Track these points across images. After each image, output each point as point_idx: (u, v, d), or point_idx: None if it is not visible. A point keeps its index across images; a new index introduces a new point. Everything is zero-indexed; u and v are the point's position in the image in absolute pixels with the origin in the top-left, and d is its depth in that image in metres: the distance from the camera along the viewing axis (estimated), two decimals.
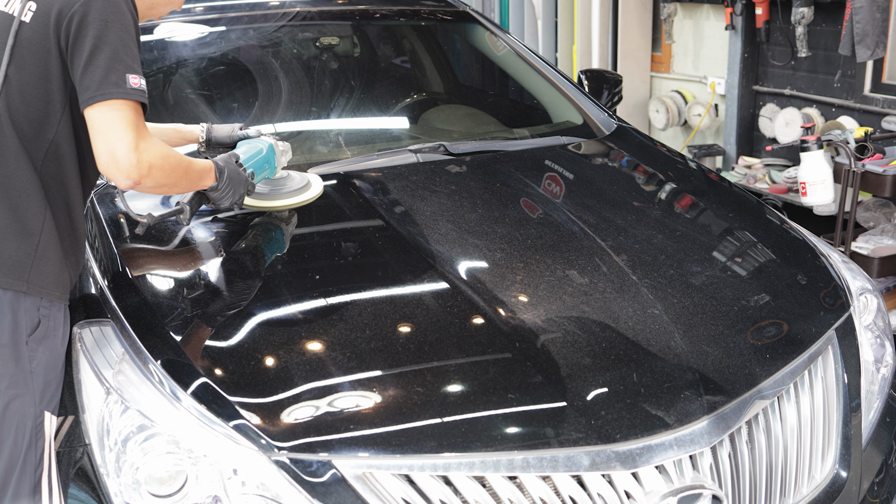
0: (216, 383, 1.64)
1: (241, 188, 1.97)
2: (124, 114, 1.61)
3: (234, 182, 1.94)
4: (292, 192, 2.19)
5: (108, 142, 1.60)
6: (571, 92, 3.10)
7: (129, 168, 1.61)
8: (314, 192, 2.22)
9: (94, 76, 1.60)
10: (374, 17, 3.24)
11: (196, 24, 2.95)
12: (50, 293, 1.70)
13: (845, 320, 2.02)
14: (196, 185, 1.87)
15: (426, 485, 1.54)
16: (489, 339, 1.76)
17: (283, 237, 2.19)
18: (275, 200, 2.17)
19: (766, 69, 4.98)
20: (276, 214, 2.20)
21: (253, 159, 2.05)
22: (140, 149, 1.62)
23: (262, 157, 2.08)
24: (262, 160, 2.08)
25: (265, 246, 2.14)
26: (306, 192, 2.20)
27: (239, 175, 1.96)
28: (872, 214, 3.89)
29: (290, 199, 2.18)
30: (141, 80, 1.65)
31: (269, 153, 2.11)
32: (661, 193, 2.52)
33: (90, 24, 1.60)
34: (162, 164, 1.67)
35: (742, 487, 1.69)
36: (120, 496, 1.58)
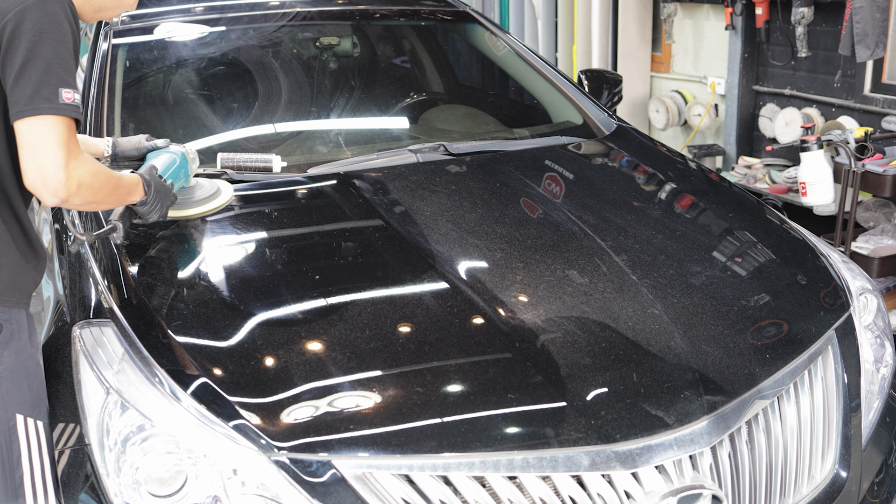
0: (216, 383, 1.64)
1: (167, 200, 1.95)
2: (55, 130, 1.55)
3: (161, 195, 1.93)
4: (202, 200, 2.15)
5: (37, 158, 1.55)
6: (571, 92, 3.10)
7: (57, 186, 1.56)
8: (223, 198, 2.19)
9: (26, 89, 1.54)
10: (374, 17, 3.24)
11: (196, 24, 2.95)
12: (5, 300, 1.68)
13: (845, 320, 2.02)
14: (124, 201, 1.84)
15: (426, 485, 1.54)
16: (489, 339, 1.76)
17: (284, 237, 2.19)
18: (185, 209, 2.12)
19: (766, 69, 4.98)
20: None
21: (170, 169, 2.02)
22: (70, 167, 1.56)
23: (177, 166, 2.05)
24: (177, 170, 2.05)
25: (265, 246, 2.14)
26: (216, 199, 2.17)
27: (164, 187, 1.94)
28: (872, 214, 3.89)
29: (200, 207, 2.14)
30: (75, 94, 1.58)
31: (182, 162, 2.08)
32: (661, 193, 2.52)
33: (24, 34, 1.55)
34: (91, 182, 1.63)
35: (742, 487, 1.69)
36: (120, 496, 1.58)
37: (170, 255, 2.07)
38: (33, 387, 1.73)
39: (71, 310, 1.96)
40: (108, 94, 2.63)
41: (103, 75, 2.68)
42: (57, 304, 2.12)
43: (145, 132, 2.67)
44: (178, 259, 2.07)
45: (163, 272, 2.01)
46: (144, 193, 1.88)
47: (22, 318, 1.72)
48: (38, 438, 1.74)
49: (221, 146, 2.68)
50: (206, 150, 2.63)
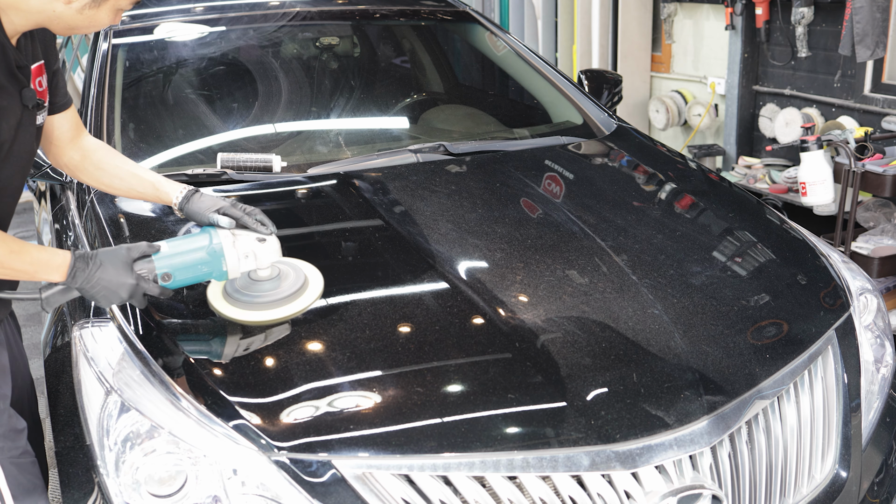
0: (216, 383, 1.64)
1: (121, 292, 1.61)
2: None
3: (108, 284, 1.60)
4: (277, 302, 1.75)
5: None
6: (571, 92, 3.10)
7: None
8: (308, 298, 1.78)
9: None
10: (374, 17, 3.24)
11: (196, 24, 2.95)
12: None
13: (845, 320, 2.02)
14: (34, 277, 1.60)
15: (426, 485, 1.54)
16: (489, 339, 1.76)
17: (285, 237, 2.19)
18: (251, 311, 1.75)
19: (766, 69, 4.98)
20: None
21: (175, 258, 1.66)
22: None
23: (194, 256, 1.68)
24: (193, 261, 1.67)
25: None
26: (297, 297, 1.77)
27: (121, 276, 1.60)
28: (872, 214, 3.89)
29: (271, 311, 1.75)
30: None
31: (211, 254, 1.68)
32: (661, 193, 2.52)
33: None
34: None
35: (742, 487, 1.69)
36: (120, 496, 1.58)
37: None
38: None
39: (71, 310, 1.96)
40: (108, 94, 2.63)
41: (103, 75, 2.68)
42: None
43: (146, 132, 2.68)
44: None
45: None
46: (65, 277, 1.59)
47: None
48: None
49: (221, 146, 2.68)
50: (206, 149, 2.64)
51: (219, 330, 1.79)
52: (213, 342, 1.76)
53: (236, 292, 1.77)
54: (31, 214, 5.51)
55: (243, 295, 1.76)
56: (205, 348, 1.74)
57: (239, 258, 1.71)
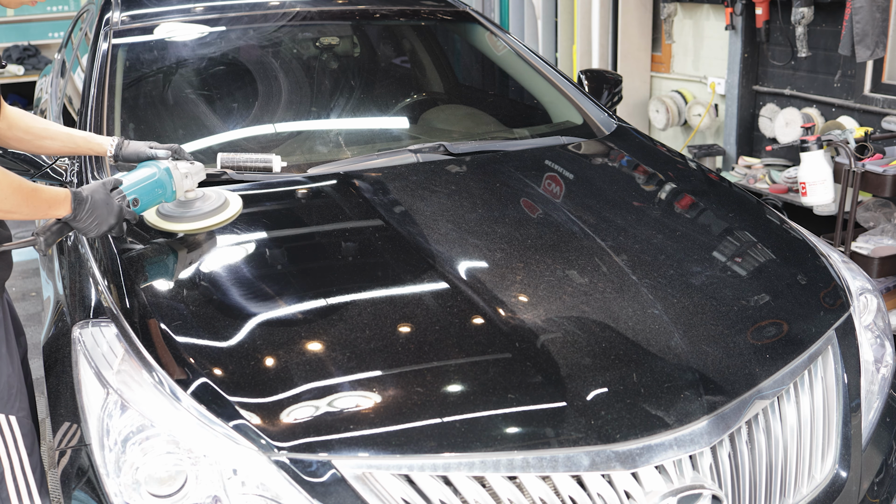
0: (216, 383, 1.64)
1: (110, 218, 1.83)
2: None
3: (100, 212, 1.81)
4: (203, 214, 2.07)
5: None
6: (571, 92, 3.10)
7: None
8: (229, 212, 2.11)
9: None
10: (374, 17, 3.24)
11: (196, 23, 2.95)
12: None
13: (845, 320, 2.02)
14: (45, 214, 1.75)
15: (426, 485, 1.54)
16: (489, 339, 1.76)
17: (284, 237, 2.19)
18: (183, 223, 2.06)
19: (766, 69, 4.98)
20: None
21: (138, 185, 1.93)
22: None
23: (151, 182, 1.97)
24: (150, 185, 1.96)
25: (265, 246, 2.14)
26: (220, 213, 2.10)
27: (109, 205, 1.83)
28: (872, 214, 3.89)
29: (200, 221, 2.07)
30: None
31: (162, 177, 2.00)
32: (661, 193, 2.52)
33: None
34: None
35: (742, 487, 1.69)
36: (120, 496, 1.58)
37: (170, 256, 2.07)
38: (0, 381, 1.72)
39: (71, 310, 1.96)
40: (108, 94, 2.63)
41: (103, 75, 2.68)
42: (57, 304, 2.12)
43: (146, 132, 2.68)
44: (178, 259, 2.07)
45: (163, 272, 2.01)
46: (71, 210, 1.77)
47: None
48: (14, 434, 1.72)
49: (221, 146, 2.68)
50: (206, 149, 2.64)
51: (219, 330, 1.79)
52: (214, 342, 1.76)
53: (170, 212, 2.08)
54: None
55: (177, 213, 2.08)
56: (205, 348, 1.74)
57: (182, 178, 2.05)
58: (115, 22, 2.89)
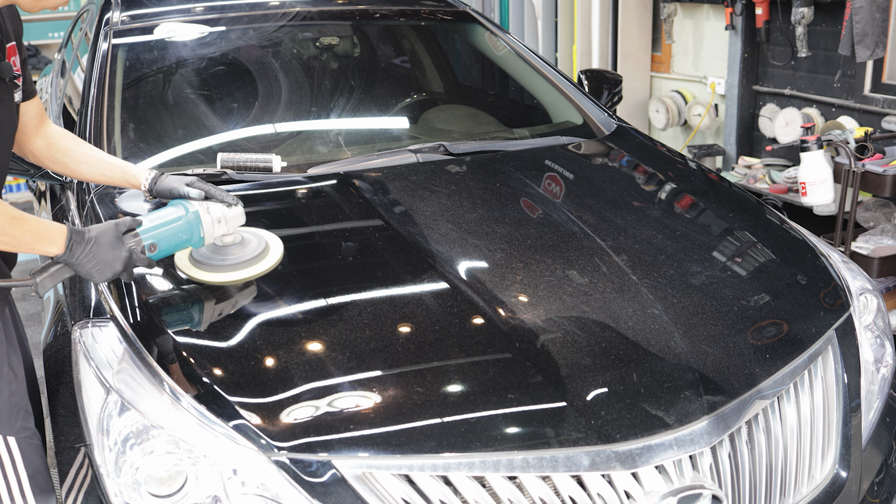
0: (216, 383, 1.64)
1: (115, 264, 1.67)
2: None
3: (104, 257, 1.65)
4: (242, 264, 1.88)
5: None
6: (571, 92, 3.10)
7: None
8: (270, 260, 1.92)
9: None
10: (374, 17, 3.24)
11: (196, 23, 2.95)
12: None
13: (845, 320, 2.02)
14: (30, 248, 1.61)
15: (426, 485, 1.54)
16: (489, 339, 1.76)
17: (284, 237, 2.19)
18: (219, 273, 1.87)
19: (766, 69, 4.98)
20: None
21: (157, 229, 1.76)
22: None
23: (174, 226, 1.79)
24: (173, 230, 1.79)
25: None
26: (260, 261, 1.90)
27: (116, 250, 1.67)
28: (872, 214, 3.89)
29: (238, 272, 1.88)
30: None
31: (189, 221, 1.81)
32: (661, 193, 2.52)
33: None
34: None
35: (742, 487, 1.69)
36: (120, 496, 1.58)
37: (170, 256, 2.07)
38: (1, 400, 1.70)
39: (71, 310, 1.96)
40: (108, 94, 2.63)
41: (103, 75, 2.68)
42: (57, 304, 2.12)
43: (146, 132, 2.68)
44: (178, 259, 2.06)
45: (163, 272, 2.00)
46: (65, 249, 1.62)
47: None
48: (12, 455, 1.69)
49: (221, 146, 2.68)
50: (206, 149, 2.64)
51: (219, 330, 1.79)
52: (214, 342, 1.76)
53: (204, 258, 1.90)
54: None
55: (211, 259, 1.89)
56: (205, 348, 1.74)
57: (213, 223, 1.85)
58: (115, 22, 2.89)
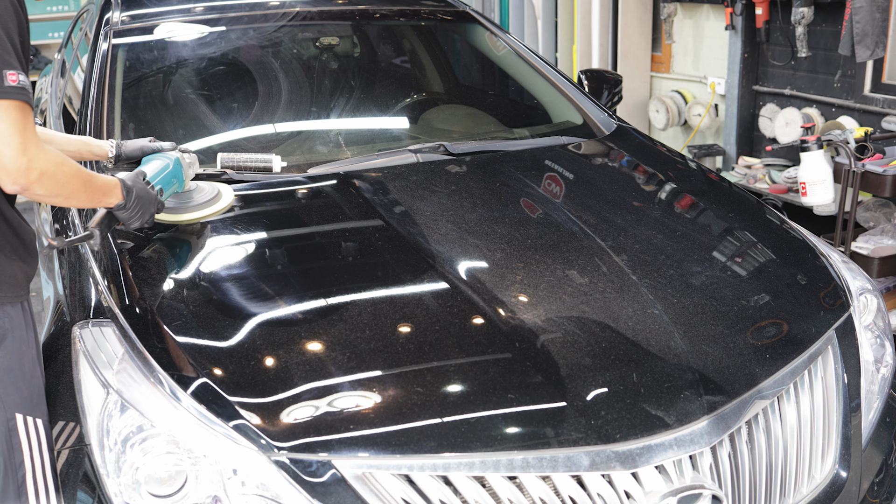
0: (216, 383, 1.64)
1: (150, 207, 1.89)
2: (6, 114, 1.49)
3: (143, 201, 1.86)
4: (200, 205, 2.12)
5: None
6: (571, 92, 3.10)
7: (16, 173, 1.52)
8: (223, 203, 2.16)
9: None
10: (374, 17, 3.24)
11: (196, 23, 2.95)
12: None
13: (845, 320, 2.02)
14: (98, 202, 1.78)
15: (426, 485, 1.54)
16: (489, 339, 1.76)
17: (284, 237, 2.19)
18: (183, 214, 2.10)
19: (766, 69, 4.98)
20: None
21: (160, 175, 1.98)
22: (30, 154, 1.52)
23: (168, 171, 2.02)
24: (169, 175, 2.01)
25: (265, 246, 2.14)
26: (214, 203, 2.14)
27: (147, 194, 1.89)
28: (872, 214, 3.89)
29: (197, 211, 2.11)
30: (20, 75, 1.52)
31: (175, 167, 2.05)
32: (661, 193, 2.52)
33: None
34: (55, 173, 1.58)
35: (742, 487, 1.69)
36: (120, 496, 1.58)
37: (170, 256, 2.07)
38: (31, 385, 1.73)
39: (71, 310, 1.96)
40: (108, 94, 2.63)
41: (103, 75, 2.68)
42: (57, 304, 2.12)
43: (146, 132, 2.69)
44: (178, 259, 2.07)
45: (163, 272, 2.00)
46: (122, 198, 1.81)
47: (16, 314, 1.70)
48: (39, 437, 1.73)
49: (221, 146, 2.68)
50: (206, 150, 2.64)
51: (219, 330, 1.79)
52: (213, 342, 1.75)
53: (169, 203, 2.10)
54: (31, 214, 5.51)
55: (175, 204, 2.11)
56: (205, 348, 1.74)
57: (188, 167, 2.12)
58: (115, 22, 2.89)
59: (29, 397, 1.71)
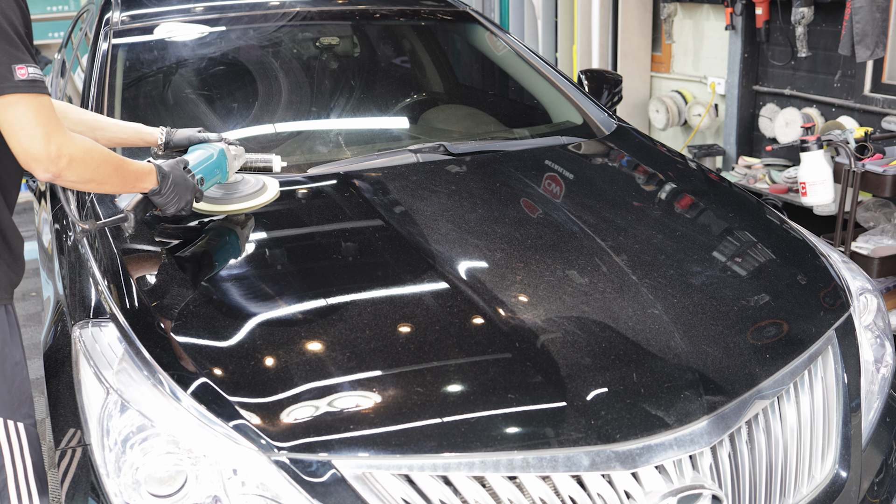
0: (216, 383, 1.64)
1: (187, 194, 1.92)
2: (25, 108, 1.53)
3: (180, 188, 1.90)
4: (246, 196, 2.16)
5: (20, 141, 1.55)
6: (571, 92, 3.10)
7: (47, 161, 1.57)
8: (268, 195, 2.19)
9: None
10: (374, 17, 3.24)
11: (196, 23, 2.95)
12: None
13: (845, 320, 2.02)
14: (133, 187, 1.83)
15: (426, 485, 1.54)
16: (489, 339, 1.76)
17: (284, 237, 2.19)
18: (228, 205, 2.14)
19: (766, 69, 4.98)
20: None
21: (202, 164, 2.02)
22: (55, 142, 1.57)
23: (212, 161, 2.05)
24: (212, 165, 2.05)
25: (265, 246, 2.14)
26: (261, 195, 2.18)
27: (185, 181, 1.92)
28: (872, 214, 3.89)
29: (244, 203, 2.15)
30: (29, 67, 1.55)
31: (220, 158, 2.08)
32: (661, 193, 2.52)
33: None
34: (84, 158, 1.63)
35: (742, 487, 1.69)
36: (120, 496, 1.58)
37: (170, 256, 2.07)
38: (13, 389, 1.72)
39: (71, 310, 1.96)
40: (108, 94, 2.63)
41: (103, 75, 2.68)
42: (57, 304, 2.12)
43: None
44: (178, 259, 2.07)
45: (163, 272, 2.00)
46: (157, 183, 1.85)
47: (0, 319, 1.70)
48: (20, 441, 1.72)
49: None
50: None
51: (219, 330, 1.79)
52: (214, 342, 1.76)
53: (214, 194, 2.15)
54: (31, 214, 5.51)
55: (221, 195, 2.15)
56: (205, 348, 1.74)
57: (232, 159, 2.14)
58: (115, 22, 2.89)
59: (10, 401, 1.71)
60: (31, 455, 1.76)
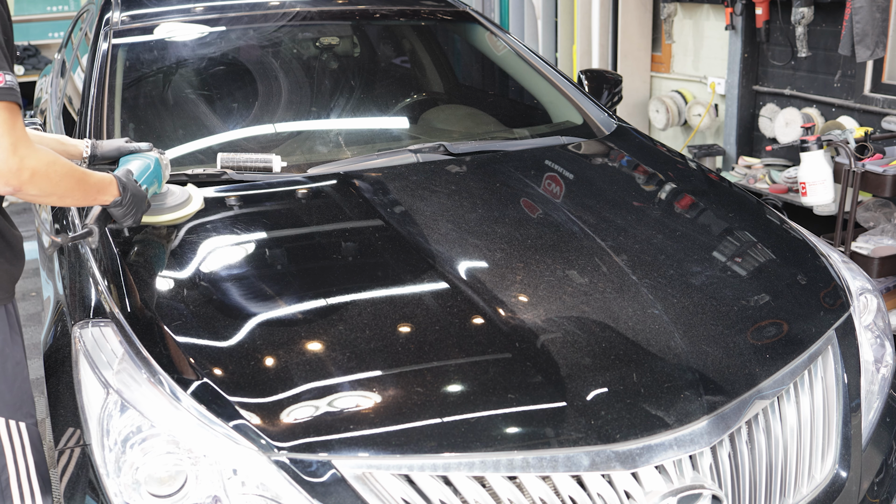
0: (216, 383, 1.64)
1: (142, 205, 1.90)
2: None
3: (137, 199, 1.87)
4: (174, 207, 2.12)
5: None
6: (571, 92, 3.10)
7: (8, 174, 1.50)
8: (194, 206, 2.16)
9: None
10: (374, 17, 3.24)
11: (196, 23, 2.95)
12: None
13: (845, 320, 2.02)
14: (94, 199, 1.78)
15: (426, 485, 1.54)
16: (489, 339, 1.76)
17: (284, 237, 2.19)
18: (156, 216, 2.09)
19: (766, 69, 4.98)
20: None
21: (145, 174, 1.99)
22: (20, 154, 1.50)
23: (150, 172, 2.02)
24: (151, 175, 2.02)
25: (265, 246, 2.14)
26: (187, 206, 2.14)
27: (139, 192, 1.89)
28: (872, 214, 3.89)
29: (172, 213, 2.11)
30: (6, 75, 1.50)
31: (156, 167, 2.05)
32: (661, 193, 2.52)
33: None
34: (47, 172, 1.56)
35: (742, 487, 1.69)
36: (120, 496, 1.58)
37: (170, 256, 2.07)
38: (14, 388, 1.72)
39: (71, 310, 1.96)
40: (108, 94, 2.63)
41: (103, 75, 2.68)
42: (57, 304, 2.12)
43: (145, 132, 2.69)
44: (178, 259, 2.07)
45: (163, 272, 2.01)
46: (119, 194, 1.81)
47: (0, 317, 1.70)
48: (22, 440, 1.72)
49: (221, 146, 2.68)
50: (206, 150, 2.64)
51: (219, 330, 1.79)
52: (214, 342, 1.76)
53: None
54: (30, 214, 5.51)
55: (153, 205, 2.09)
56: (205, 348, 1.74)
57: (164, 168, 2.12)
58: (115, 22, 2.89)
59: (12, 401, 1.70)
60: (34, 455, 1.76)
